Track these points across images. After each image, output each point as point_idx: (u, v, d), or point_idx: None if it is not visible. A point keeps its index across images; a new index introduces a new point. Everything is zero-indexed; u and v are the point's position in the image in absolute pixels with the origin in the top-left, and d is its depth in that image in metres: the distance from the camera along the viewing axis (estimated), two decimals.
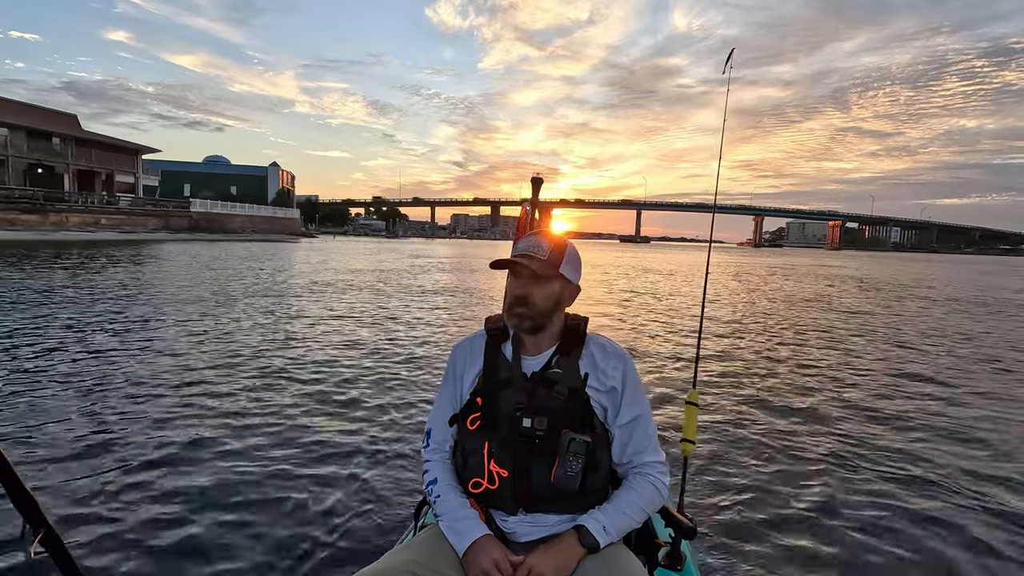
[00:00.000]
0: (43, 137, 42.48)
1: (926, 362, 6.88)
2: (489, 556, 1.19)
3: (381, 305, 10.79)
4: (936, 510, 2.97)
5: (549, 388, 1.30)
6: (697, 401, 1.87)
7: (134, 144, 50.66)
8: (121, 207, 43.20)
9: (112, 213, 41.66)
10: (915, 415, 4.61)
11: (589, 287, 15.99)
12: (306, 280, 15.59)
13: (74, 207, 38.73)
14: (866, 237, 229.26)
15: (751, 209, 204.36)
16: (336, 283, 15.09)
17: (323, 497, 2.88)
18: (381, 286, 14.83)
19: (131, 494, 2.85)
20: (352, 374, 5.39)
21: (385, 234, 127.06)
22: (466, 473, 1.36)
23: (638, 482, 1.32)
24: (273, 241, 50.62)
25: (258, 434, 3.71)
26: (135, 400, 4.36)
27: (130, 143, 50.24)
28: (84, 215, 38.98)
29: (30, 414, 3.97)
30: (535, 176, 2.11)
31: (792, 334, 8.78)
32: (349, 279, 16.53)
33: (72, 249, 25.20)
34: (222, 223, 52.94)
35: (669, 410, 4.54)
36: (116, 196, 44.79)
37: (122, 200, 44.34)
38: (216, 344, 6.54)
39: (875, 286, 20.70)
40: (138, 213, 44.17)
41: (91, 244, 30.42)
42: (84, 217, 38.85)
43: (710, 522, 2.75)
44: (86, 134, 47.12)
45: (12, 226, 33.52)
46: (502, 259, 1.33)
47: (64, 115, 49.27)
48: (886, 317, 11.46)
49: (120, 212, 42.49)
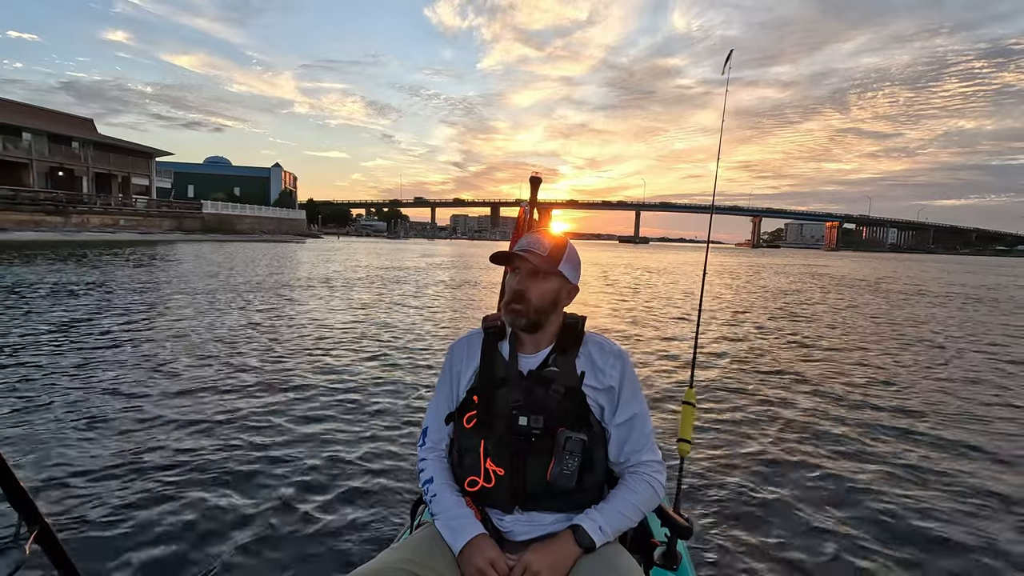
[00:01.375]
0: (63, 141, 44.24)
1: (898, 355, 7.36)
2: (484, 555, 1.19)
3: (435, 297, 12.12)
4: (938, 510, 2.98)
5: (546, 386, 1.30)
6: (694, 401, 1.85)
7: (148, 148, 52.35)
8: (138, 209, 44.89)
9: (130, 215, 43.34)
10: (911, 408, 4.84)
11: (589, 286, 17.45)
12: (354, 276, 17.18)
13: (94, 209, 40.37)
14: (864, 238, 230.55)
15: (749, 210, 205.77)
16: (381, 277, 16.76)
17: (319, 495, 2.90)
18: (420, 279, 16.44)
19: (128, 490, 2.88)
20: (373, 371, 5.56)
21: (387, 235, 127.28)
22: (462, 471, 1.35)
23: (635, 481, 1.32)
24: (283, 241, 52.11)
25: (256, 432, 3.75)
26: (135, 396, 4.44)
27: (144, 146, 51.94)
28: (104, 216, 40.63)
29: (26, 410, 4.04)
30: (533, 175, 2.10)
31: (789, 331, 9.10)
32: (394, 275, 18.11)
33: (102, 249, 26.69)
34: (232, 224, 54.57)
35: (665, 410, 4.58)
36: (133, 198, 46.45)
37: (138, 202, 46.02)
38: (227, 338, 6.82)
39: (848, 283, 22.31)
40: (154, 215, 45.85)
41: (115, 244, 31.99)
42: (104, 219, 40.50)
43: (706, 522, 2.76)
44: (103, 138, 48.84)
45: (38, 227, 35.13)
46: (502, 251, 1.34)
47: (81, 119, 50.97)
48: (848, 313, 12.91)
49: (137, 213, 44.15)
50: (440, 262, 29.32)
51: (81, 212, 38.95)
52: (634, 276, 22.87)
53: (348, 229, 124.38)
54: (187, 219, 49.25)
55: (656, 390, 5.17)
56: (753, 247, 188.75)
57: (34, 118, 43.85)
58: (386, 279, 17.11)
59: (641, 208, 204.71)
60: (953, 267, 49.04)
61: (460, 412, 1.37)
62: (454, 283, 16.72)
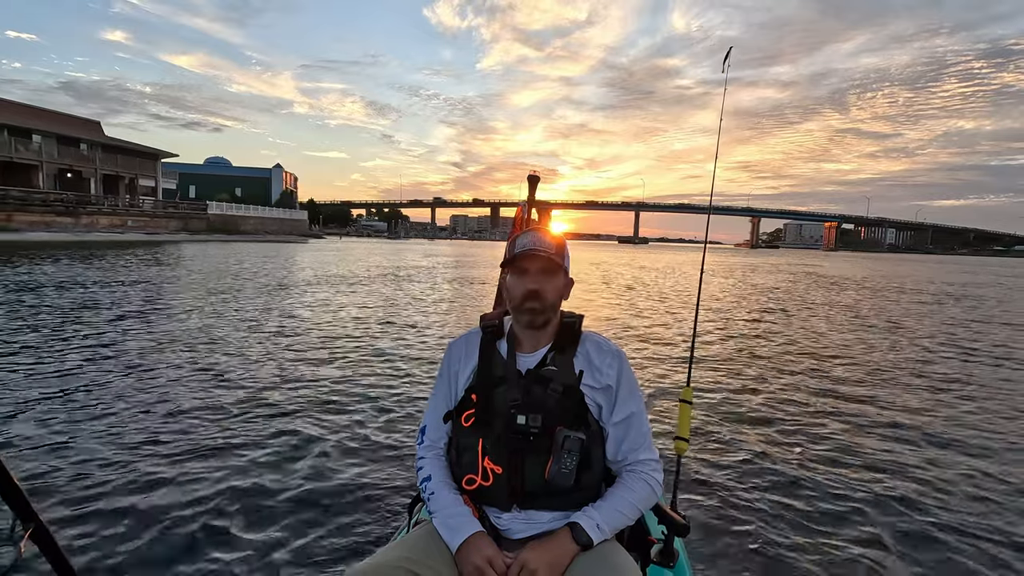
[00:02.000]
0: (72, 143, 45.07)
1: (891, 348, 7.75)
2: (482, 553, 1.19)
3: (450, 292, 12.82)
4: (940, 510, 2.99)
5: (544, 385, 1.31)
6: (691, 399, 1.86)
7: (154, 149, 53.19)
8: (145, 209, 45.70)
9: (137, 215, 44.16)
10: (904, 406, 4.90)
11: (589, 286, 18.08)
12: (374, 273, 17.96)
13: (103, 210, 41.18)
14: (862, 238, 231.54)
15: (741, 210, 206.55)
16: (396, 274, 17.53)
17: (316, 493, 2.91)
18: (433, 278, 17.22)
19: (123, 489, 2.87)
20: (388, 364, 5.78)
21: (387, 235, 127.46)
22: (460, 470, 1.36)
23: (632, 479, 1.33)
24: (286, 242, 52.88)
25: (255, 430, 3.78)
26: (130, 395, 4.46)
27: (150, 148, 52.81)
28: (112, 217, 41.43)
29: (24, 407, 4.06)
30: (531, 173, 2.07)
31: (783, 328, 9.35)
32: (408, 272, 18.87)
33: (113, 250, 27.32)
34: (236, 225, 55.38)
35: (662, 408, 4.60)
36: (140, 199, 47.27)
37: (145, 203, 46.83)
38: (234, 337, 6.93)
39: (835, 282, 23.10)
40: (160, 215, 46.68)
41: (127, 244, 32.74)
42: (112, 219, 41.29)
43: (703, 519, 2.77)
44: (110, 140, 49.68)
45: (49, 227, 35.90)
46: (518, 253, 1.35)
47: (89, 122, 51.81)
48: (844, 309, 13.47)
49: (144, 214, 44.97)
50: (446, 261, 30.00)
51: (91, 213, 39.75)
52: (633, 274, 23.52)
53: (349, 229, 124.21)
54: (193, 220, 50.05)
55: (653, 388, 5.21)
56: (752, 247, 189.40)
57: (43, 120, 44.73)
58: (399, 276, 17.85)
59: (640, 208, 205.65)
60: (948, 267, 49.36)
61: (458, 411, 1.38)
62: (465, 280, 17.49)
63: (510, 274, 1.38)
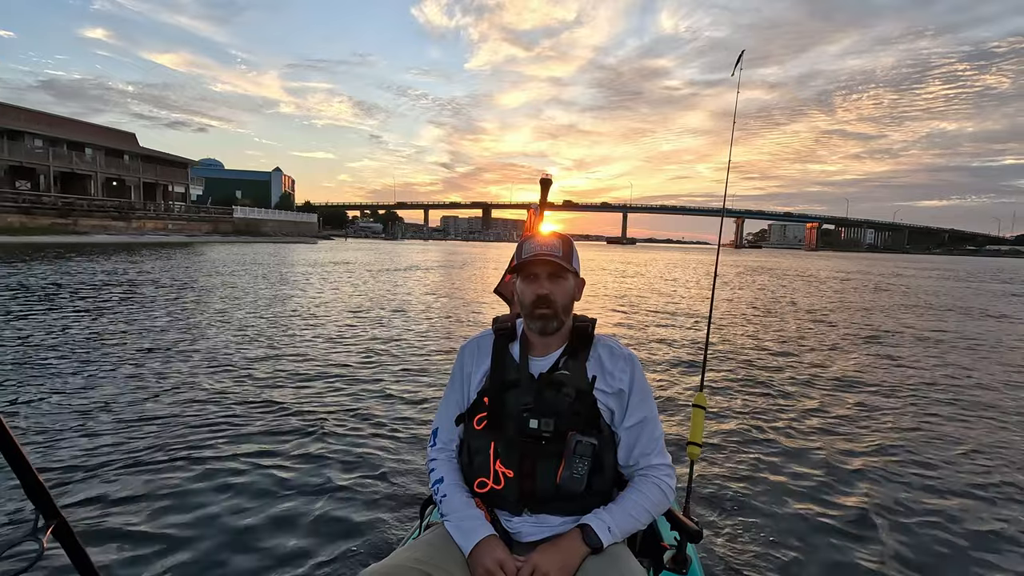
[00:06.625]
0: (116, 155, 50.49)
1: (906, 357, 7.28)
2: (494, 556, 1.20)
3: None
4: (948, 512, 2.97)
5: (556, 389, 1.30)
6: (705, 404, 1.83)
7: (184, 158, 58.75)
8: (181, 214, 51.20)
9: (175, 219, 49.66)
10: (920, 415, 4.71)
11: (589, 285, 23.58)
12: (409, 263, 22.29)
13: (149, 215, 46.71)
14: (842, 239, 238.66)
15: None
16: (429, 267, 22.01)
17: (329, 496, 2.93)
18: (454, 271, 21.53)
19: (145, 488, 2.92)
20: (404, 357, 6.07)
21: (384, 236, 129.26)
22: (472, 473, 1.37)
23: (644, 484, 1.33)
24: (303, 243, 57.69)
25: (268, 432, 3.81)
26: (158, 396, 4.52)
27: (181, 157, 58.31)
28: (156, 221, 46.98)
29: (47, 402, 4.17)
30: (544, 177, 2.11)
31: (796, 333, 9.10)
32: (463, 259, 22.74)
33: (168, 249, 31.46)
34: (258, 227, 60.87)
35: (675, 413, 4.51)
36: (179, 205, 52.73)
37: (176, 207, 52.27)
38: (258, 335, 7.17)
39: (825, 281, 25.44)
40: (195, 219, 52.24)
41: (176, 245, 37.25)
42: (156, 223, 46.84)
43: (716, 526, 2.73)
44: (146, 151, 55.12)
45: (107, 231, 41.22)
46: (526, 258, 1.34)
47: (127, 134, 57.40)
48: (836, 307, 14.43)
49: (180, 218, 50.48)
50: (449, 260, 33.44)
51: (139, 218, 45.22)
52: (623, 270, 26.33)
53: (347, 230, 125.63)
54: (221, 223, 55.67)
55: (665, 393, 5.11)
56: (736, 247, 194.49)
57: (93, 134, 50.21)
58: (412, 271, 21.75)
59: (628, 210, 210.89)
60: (911, 267, 47.91)
61: (470, 413, 1.39)
62: (471, 278, 20.66)
63: (520, 279, 1.38)
